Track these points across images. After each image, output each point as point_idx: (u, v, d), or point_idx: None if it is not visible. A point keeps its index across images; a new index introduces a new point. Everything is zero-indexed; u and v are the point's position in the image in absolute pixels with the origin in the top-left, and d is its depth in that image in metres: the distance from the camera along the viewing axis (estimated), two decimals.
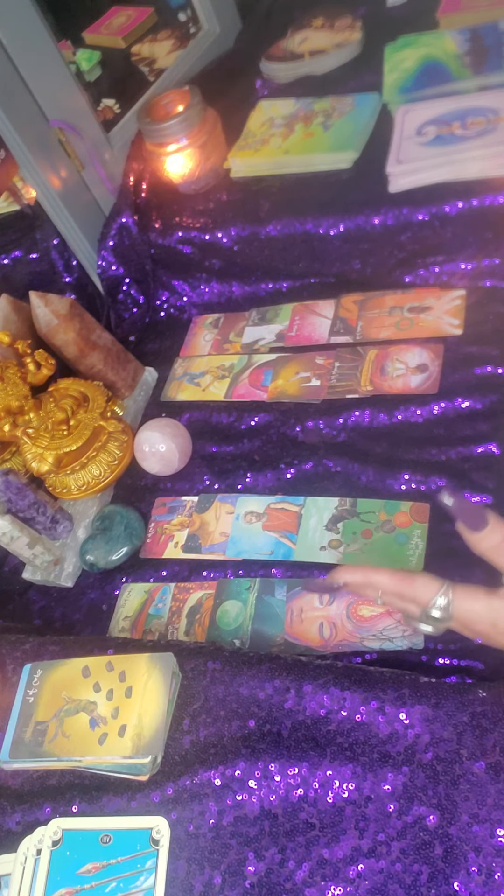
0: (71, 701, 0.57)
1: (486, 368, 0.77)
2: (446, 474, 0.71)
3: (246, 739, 0.53)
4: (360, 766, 0.50)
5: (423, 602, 0.50)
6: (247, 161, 0.98)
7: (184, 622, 0.71)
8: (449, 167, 0.83)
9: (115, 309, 1.02)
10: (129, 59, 1.25)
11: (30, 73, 0.85)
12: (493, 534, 0.49)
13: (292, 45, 1.11)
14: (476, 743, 0.49)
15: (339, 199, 0.89)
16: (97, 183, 0.99)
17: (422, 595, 0.50)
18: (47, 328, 0.82)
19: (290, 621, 0.67)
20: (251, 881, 0.48)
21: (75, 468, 0.80)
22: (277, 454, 0.80)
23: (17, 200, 0.97)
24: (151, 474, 0.84)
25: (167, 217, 0.98)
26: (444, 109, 0.89)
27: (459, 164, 0.82)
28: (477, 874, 0.45)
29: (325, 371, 0.84)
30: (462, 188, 0.81)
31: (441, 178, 0.83)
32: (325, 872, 0.47)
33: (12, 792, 0.56)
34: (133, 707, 0.55)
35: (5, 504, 0.73)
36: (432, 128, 0.87)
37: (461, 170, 0.82)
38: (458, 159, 0.82)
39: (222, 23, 1.19)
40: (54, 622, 0.77)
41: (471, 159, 0.82)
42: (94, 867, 0.50)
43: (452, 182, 0.83)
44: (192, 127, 0.94)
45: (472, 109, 0.87)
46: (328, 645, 0.64)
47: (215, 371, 0.92)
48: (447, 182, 0.83)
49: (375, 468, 0.74)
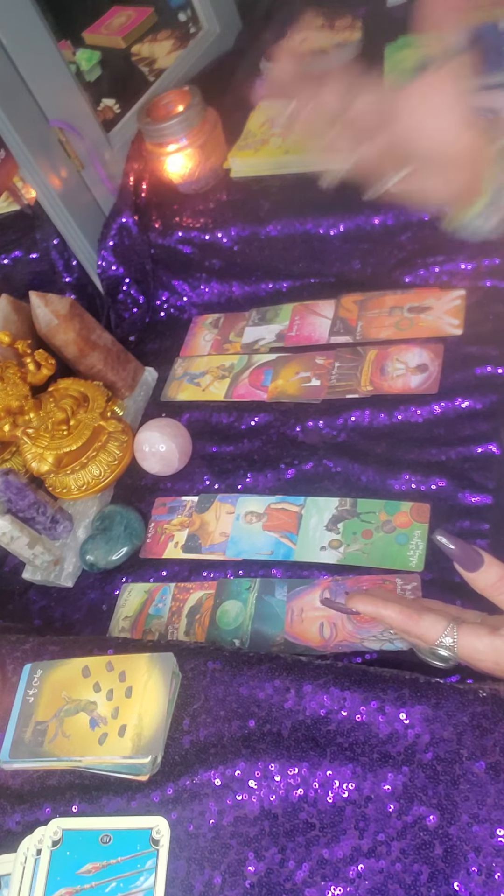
0: (71, 701, 0.57)
1: (486, 368, 0.77)
2: (446, 474, 0.71)
3: (246, 739, 0.53)
4: (360, 766, 0.50)
5: (430, 641, 0.51)
6: (247, 161, 0.98)
7: (184, 622, 0.71)
8: None
9: (115, 309, 1.02)
10: (129, 59, 1.25)
11: (30, 73, 0.85)
12: (488, 572, 0.50)
13: (292, 45, 1.11)
14: (476, 743, 0.49)
15: (339, 199, 0.89)
16: (97, 183, 0.99)
17: (428, 634, 0.51)
18: (47, 328, 0.82)
19: (291, 621, 0.67)
20: (251, 881, 0.48)
21: (75, 468, 0.80)
22: (277, 454, 0.80)
23: (17, 200, 0.97)
24: (151, 474, 0.84)
25: (167, 217, 0.98)
26: None
27: None
28: (477, 874, 0.45)
29: (325, 371, 0.84)
30: None
31: None
32: (325, 872, 0.47)
33: (12, 792, 0.56)
34: (133, 707, 0.55)
35: (5, 504, 0.73)
36: None
37: None
38: None
39: (222, 23, 1.19)
40: (54, 622, 0.77)
41: None
42: (94, 867, 0.50)
43: None
44: (192, 127, 0.94)
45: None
46: (328, 645, 0.64)
47: (215, 371, 0.92)
48: None
49: (375, 468, 0.74)
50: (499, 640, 0.49)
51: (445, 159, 0.57)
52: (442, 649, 0.51)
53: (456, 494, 0.70)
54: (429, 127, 0.55)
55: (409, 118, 0.53)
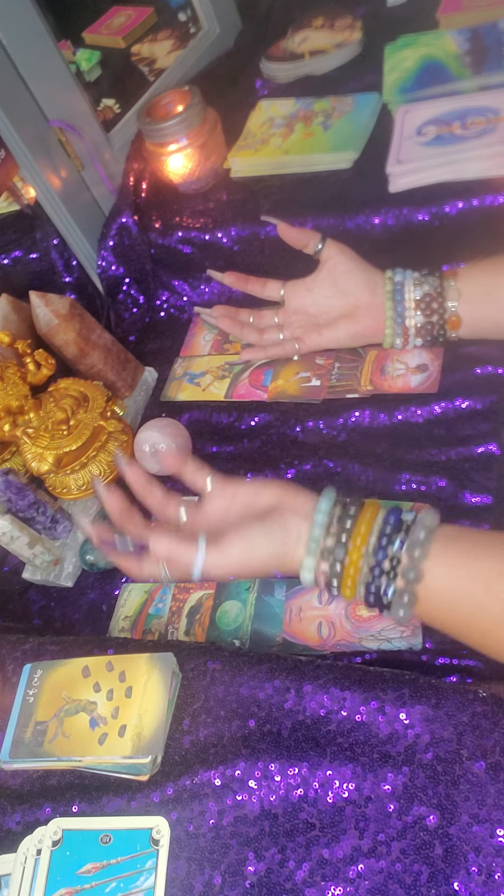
0: (71, 701, 0.57)
1: (486, 368, 0.77)
2: (446, 474, 0.71)
3: (246, 739, 0.53)
4: (360, 766, 0.50)
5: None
6: (247, 161, 0.98)
7: (184, 622, 0.71)
8: (449, 167, 0.83)
9: (115, 309, 1.02)
10: (129, 59, 1.25)
11: (30, 73, 0.85)
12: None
13: (292, 45, 1.11)
14: (476, 743, 0.49)
15: (339, 199, 0.89)
16: (97, 183, 0.99)
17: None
18: (47, 328, 0.82)
19: (289, 619, 0.67)
20: (251, 881, 0.48)
21: (75, 468, 0.80)
22: (277, 454, 0.80)
23: (17, 200, 0.97)
24: (151, 474, 0.84)
25: (167, 217, 0.98)
26: (444, 109, 0.89)
27: (459, 164, 0.82)
28: (477, 874, 0.45)
29: (325, 371, 0.84)
30: (462, 188, 0.81)
31: (441, 178, 0.83)
32: (325, 872, 0.47)
33: (12, 792, 0.56)
34: (133, 707, 0.55)
35: (5, 504, 0.73)
36: (432, 128, 0.87)
37: (461, 170, 0.82)
38: (458, 159, 0.82)
39: (222, 23, 1.20)
40: (54, 622, 0.77)
41: (471, 159, 0.82)
42: (94, 867, 0.50)
43: (452, 182, 0.83)
44: (192, 127, 0.94)
45: (472, 109, 0.87)
46: (327, 644, 0.64)
47: (215, 371, 0.92)
48: (447, 182, 0.83)
49: (375, 468, 0.74)
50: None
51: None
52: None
53: (456, 494, 0.69)
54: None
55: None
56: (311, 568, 0.54)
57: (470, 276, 0.73)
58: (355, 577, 0.52)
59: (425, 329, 0.75)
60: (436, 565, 0.50)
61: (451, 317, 0.72)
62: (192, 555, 0.55)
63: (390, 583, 0.51)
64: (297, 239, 0.79)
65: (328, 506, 0.55)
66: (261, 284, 0.85)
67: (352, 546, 0.53)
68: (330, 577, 0.54)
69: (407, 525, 0.52)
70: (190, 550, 0.55)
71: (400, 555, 0.51)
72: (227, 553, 0.54)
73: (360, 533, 0.53)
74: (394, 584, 0.51)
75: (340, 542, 0.53)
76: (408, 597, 0.51)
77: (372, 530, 0.53)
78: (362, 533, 0.53)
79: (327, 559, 0.54)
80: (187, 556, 0.55)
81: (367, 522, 0.53)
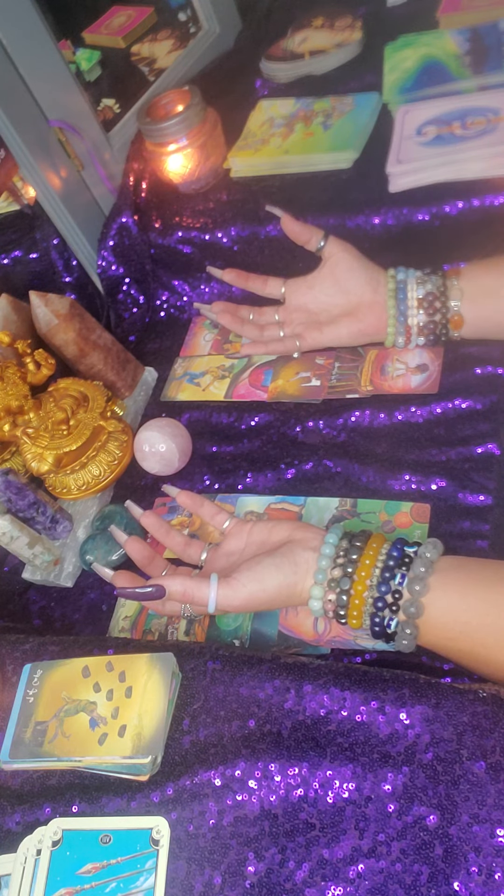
0: (71, 701, 0.57)
1: (486, 368, 0.77)
2: (446, 474, 0.71)
3: (246, 739, 0.53)
4: (360, 767, 0.50)
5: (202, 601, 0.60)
6: (247, 161, 0.98)
7: (184, 622, 0.71)
8: (449, 167, 0.83)
9: (115, 309, 1.02)
10: (129, 58, 1.24)
11: (30, 73, 0.85)
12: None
13: (292, 45, 1.11)
14: (476, 743, 0.49)
15: (339, 199, 0.89)
16: (97, 183, 0.99)
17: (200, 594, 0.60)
18: (47, 328, 0.82)
19: (286, 613, 0.67)
20: (251, 881, 0.48)
21: (75, 468, 0.80)
22: (277, 454, 0.80)
23: (17, 200, 0.97)
24: (151, 474, 0.84)
25: (167, 217, 0.98)
26: (444, 109, 0.89)
27: (459, 164, 0.82)
28: (477, 874, 0.45)
29: (325, 371, 0.84)
30: (462, 188, 0.81)
31: (441, 178, 0.83)
32: (325, 872, 0.47)
33: (12, 792, 0.56)
34: (133, 707, 0.55)
35: (5, 504, 0.73)
36: (432, 128, 0.87)
37: (461, 170, 0.82)
38: (459, 159, 0.82)
39: (222, 23, 1.19)
40: (54, 622, 0.77)
41: (471, 159, 0.82)
42: (94, 867, 0.50)
43: (452, 182, 0.83)
44: (192, 127, 0.94)
45: (472, 109, 0.87)
46: (321, 640, 0.64)
47: (215, 371, 0.92)
48: (447, 182, 0.83)
49: (376, 468, 0.74)
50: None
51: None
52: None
53: (456, 494, 0.70)
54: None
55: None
56: (320, 597, 0.57)
57: (473, 275, 0.73)
58: (361, 608, 0.55)
59: (428, 328, 0.75)
60: (436, 598, 0.53)
61: (453, 316, 0.72)
62: (206, 592, 0.58)
63: (393, 616, 0.54)
64: (299, 233, 0.79)
65: (335, 538, 0.58)
66: (261, 281, 0.85)
67: (357, 578, 0.55)
68: (337, 607, 0.56)
69: (409, 559, 0.54)
70: (203, 588, 0.58)
71: (402, 589, 0.54)
72: (240, 587, 0.57)
73: (364, 566, 0.55)
74: (396, 618, 0.54)
75: (347, 574, 0.56)
76: (410, 629, 0.53)
77: (376, 563, 0.55)
78: (367, 566, 0.55)
79: (334, 590, 0.56)
80: (201, 594, 0.58)
81: (372, 555, 0.55)
